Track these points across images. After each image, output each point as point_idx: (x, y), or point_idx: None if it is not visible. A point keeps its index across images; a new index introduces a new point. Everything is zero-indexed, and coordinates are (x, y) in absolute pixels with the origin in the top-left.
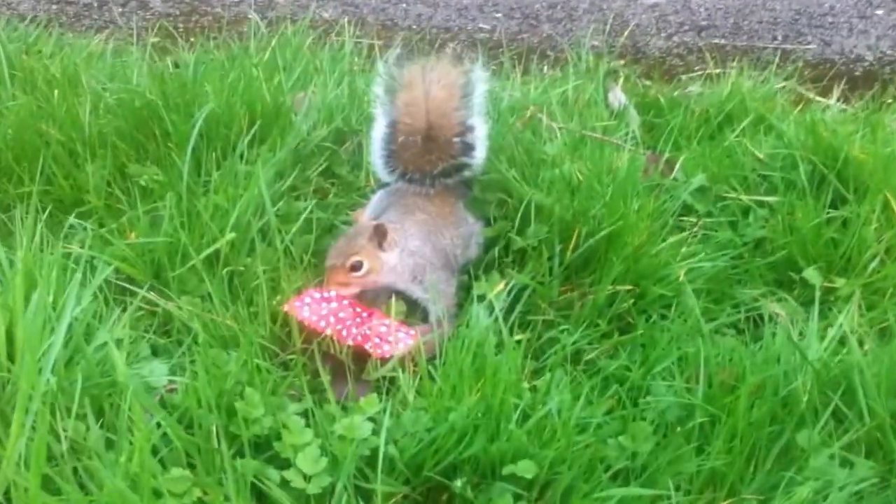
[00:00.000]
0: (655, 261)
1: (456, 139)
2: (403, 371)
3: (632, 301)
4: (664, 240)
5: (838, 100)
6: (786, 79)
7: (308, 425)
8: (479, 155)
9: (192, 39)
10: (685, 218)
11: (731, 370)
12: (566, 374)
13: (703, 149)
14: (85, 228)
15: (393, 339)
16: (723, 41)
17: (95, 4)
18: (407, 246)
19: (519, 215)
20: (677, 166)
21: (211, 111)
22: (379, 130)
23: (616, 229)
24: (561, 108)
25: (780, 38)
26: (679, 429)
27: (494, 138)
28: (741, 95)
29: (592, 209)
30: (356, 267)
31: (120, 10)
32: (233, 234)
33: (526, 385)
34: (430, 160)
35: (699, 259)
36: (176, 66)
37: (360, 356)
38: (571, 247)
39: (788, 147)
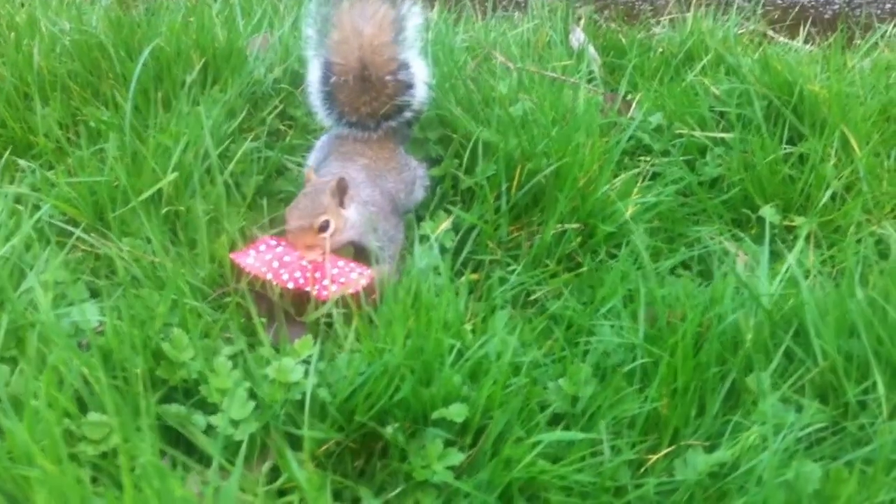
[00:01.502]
0: (604, 198)
1: (390, 77)
2: (340, 311)
3: (579, 240)
4: (616, 177)
5: (806, 42)
6: (746, 18)
7: (238, 368)
8: (419, 94)
9: None
10: (642, 158)
11: (678, 310)
12: (512, 316)
13: (662, 88)
14: (34, 171)
15: (345, 280)
16: None
17: None
18: (360, 197)
19: (467, 154)
20: (634, 105)
21: (162, 53)
22: (314, 73)
23: (563, 166)
24: (520, 49)
25: None
26: (620, 371)
27: (445, 77)
28: (701, 35)
29: (539, 146)
30: (324, 227)
31: None
32: (175, 174)
33: (469, 327)
34: (365, 101)
35: (648, 196)
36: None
37: (302, 298)
38: (516, 184)
39: (744, 82)
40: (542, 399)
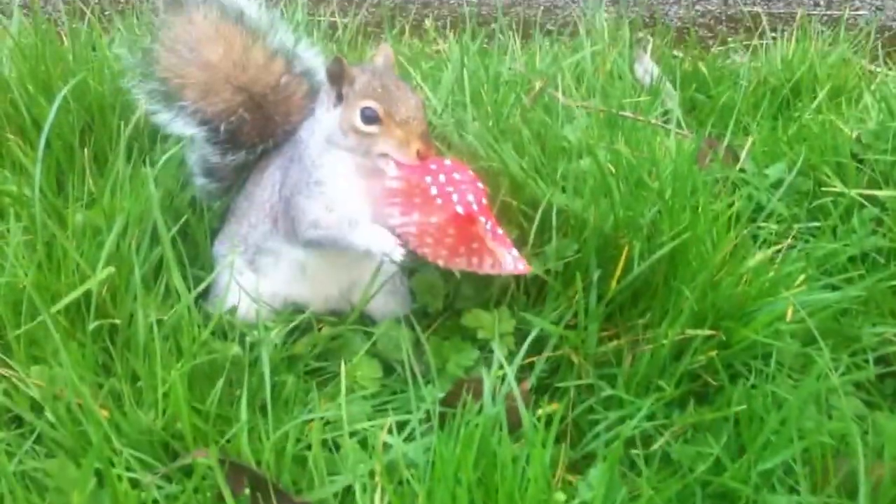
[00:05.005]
0: (746, 291)
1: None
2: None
3: (716, 352)
4: (744, 258)
5: None
6: (856, 45)
7: None
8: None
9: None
10: (763, 225)
11: (890, 463)
12: (620, 474)
13: (775, 129)
14: None
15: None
16: (754, 9)
17: None
18: None
19: (535, 226)
20: (744, 153)
21: (93, 93)
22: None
23: (681, 244)
24: (575, 81)
25: (822, 3)
26: None
27: (491, 120)
28: (808, 62)
29: (644, 215)
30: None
31: None
32: (108, 270)
33: (562, 497)
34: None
35: (812, 286)
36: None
37: None
38: (620, 271)
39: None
40: None
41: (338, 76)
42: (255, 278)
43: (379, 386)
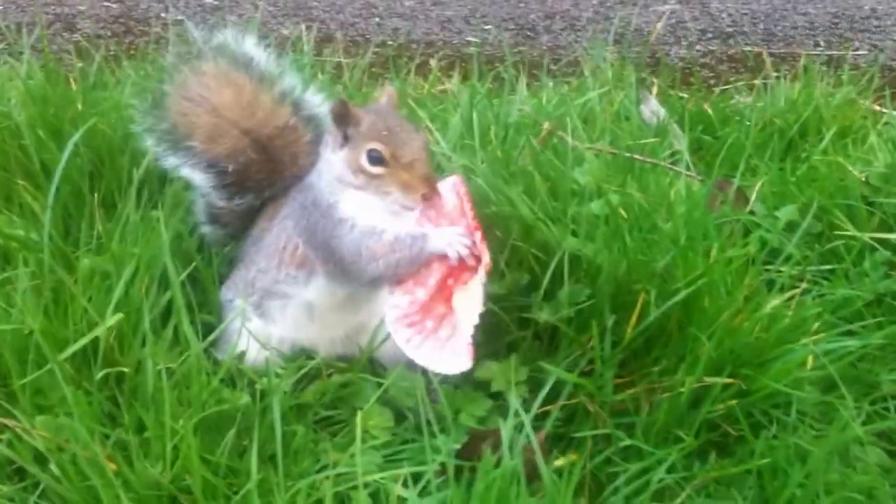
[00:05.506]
0: (763, 338)
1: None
2: None
3: (736, 401)
4: (759, 303)
5: None
6: (863, 85)
7: None
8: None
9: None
10: (771, 267)
11: None
12: None
13: (783, 171)
14: None
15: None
16: (755, 48)
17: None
18: None
19: (549, 272)
20: (754, 195)
21: (102, 137)
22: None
23: (696, 291)
24: (583, 123)
25: (822, 43)
26: None
27: (500, 164)
28: (814, 103)
29: (659, 260)
30: None
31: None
32: (117, 317)
33: None
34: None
35: (828, 332)
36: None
37: None
38: (636, 319)
39: None
40: None
41: (343, 117)
42: (263, 324)
43: (390, 435)
